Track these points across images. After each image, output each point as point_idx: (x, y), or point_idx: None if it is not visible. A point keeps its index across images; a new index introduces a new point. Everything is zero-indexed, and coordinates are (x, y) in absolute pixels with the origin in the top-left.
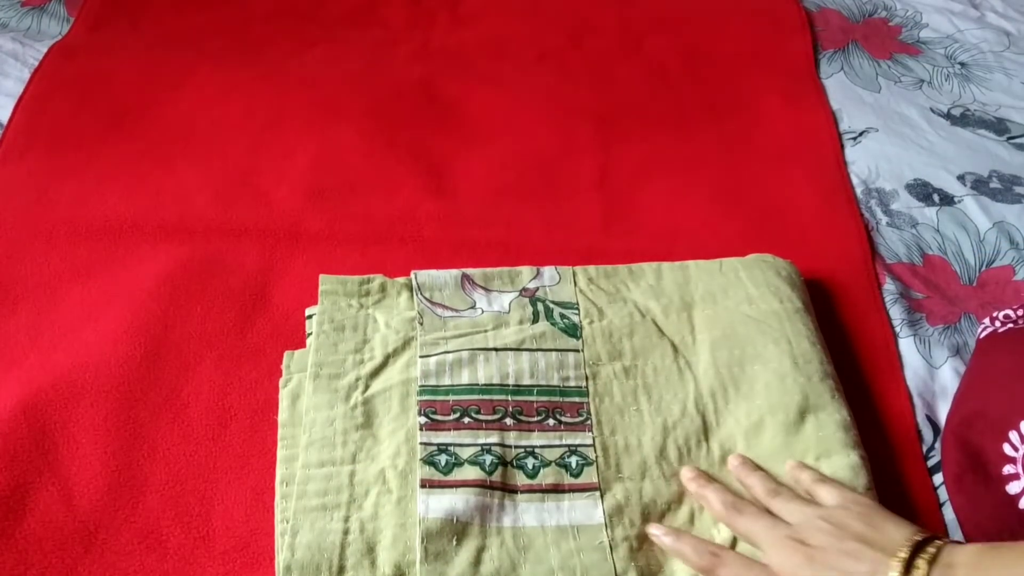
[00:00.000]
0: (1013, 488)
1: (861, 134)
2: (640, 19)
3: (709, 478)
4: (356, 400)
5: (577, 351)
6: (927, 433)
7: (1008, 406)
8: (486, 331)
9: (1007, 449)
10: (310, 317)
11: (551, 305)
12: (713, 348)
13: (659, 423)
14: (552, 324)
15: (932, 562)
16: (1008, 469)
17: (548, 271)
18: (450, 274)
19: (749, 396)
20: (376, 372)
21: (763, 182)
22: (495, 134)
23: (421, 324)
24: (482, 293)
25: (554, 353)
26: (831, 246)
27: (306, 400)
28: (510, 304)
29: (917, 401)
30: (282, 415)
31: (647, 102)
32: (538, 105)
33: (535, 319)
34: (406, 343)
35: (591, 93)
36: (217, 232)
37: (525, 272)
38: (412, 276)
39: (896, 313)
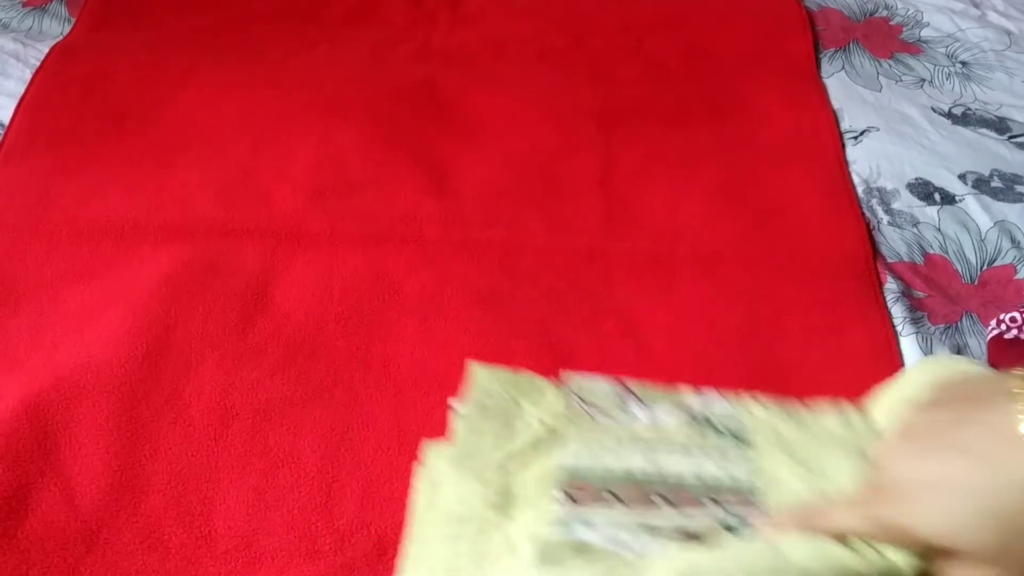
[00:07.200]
0: None
1: (862, 133)
2: (640, 18)
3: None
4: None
5: (748, 460)
6: None
7: None
8: (646, 439)
9: None
10: (454, 407)
11: (717, 423)
12: None
13: None
14: (719, 435)
15: None
16: None
17: (713, 396)
18: (605, 380)
19: None
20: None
21: (764, 181)
22: (496, 134)
23: (573, 422)
24: (641, 406)
25: (719, 453)
26: (832, 245)
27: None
28: (670, 419)
29: None
30: (418, 508)
31: (648, 101)
32: (539, 105)
33: (700, 433)
34: (554, 439)
35: (592, 92)
36: (218, 232)
37: (689, 396)
38: (564, 378)
39: (897, 312)
